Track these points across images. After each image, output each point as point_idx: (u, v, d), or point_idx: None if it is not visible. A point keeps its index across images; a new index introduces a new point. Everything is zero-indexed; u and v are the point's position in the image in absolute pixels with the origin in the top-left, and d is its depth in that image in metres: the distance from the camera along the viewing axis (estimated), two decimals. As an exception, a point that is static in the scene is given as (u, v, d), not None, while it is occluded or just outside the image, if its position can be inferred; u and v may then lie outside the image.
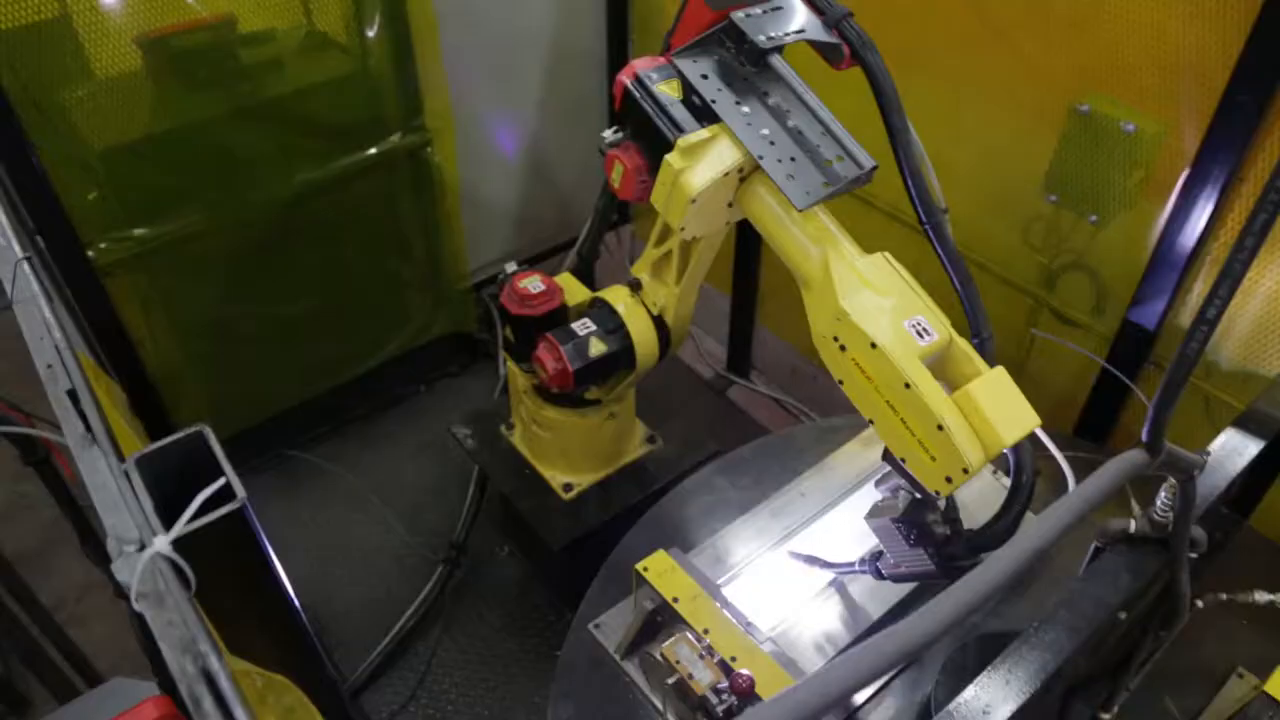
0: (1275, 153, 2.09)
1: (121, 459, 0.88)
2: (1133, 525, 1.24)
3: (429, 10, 2.98)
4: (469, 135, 3.38)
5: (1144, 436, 0.98)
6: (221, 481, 0.83)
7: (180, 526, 0.76)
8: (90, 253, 2.77)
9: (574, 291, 2.52)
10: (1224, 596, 1.83)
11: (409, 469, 3.62)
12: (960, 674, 1.78)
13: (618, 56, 3.75)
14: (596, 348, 2.34)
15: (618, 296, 2.39)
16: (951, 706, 1.07)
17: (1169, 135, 2.23)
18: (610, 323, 2.38)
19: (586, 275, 3.01)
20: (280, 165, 3.05)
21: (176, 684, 0.65)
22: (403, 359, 3.75)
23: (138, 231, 2.85)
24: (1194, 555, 1.26)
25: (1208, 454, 1.36)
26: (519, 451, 2.79)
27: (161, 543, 0.74)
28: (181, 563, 0.75)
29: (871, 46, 1.77)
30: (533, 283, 2.43)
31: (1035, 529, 0.84)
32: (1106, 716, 1.61)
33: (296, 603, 1.32)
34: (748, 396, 4.13)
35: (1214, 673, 1.88)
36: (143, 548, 0.76)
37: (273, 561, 1.13)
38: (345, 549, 3.34)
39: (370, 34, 2.96)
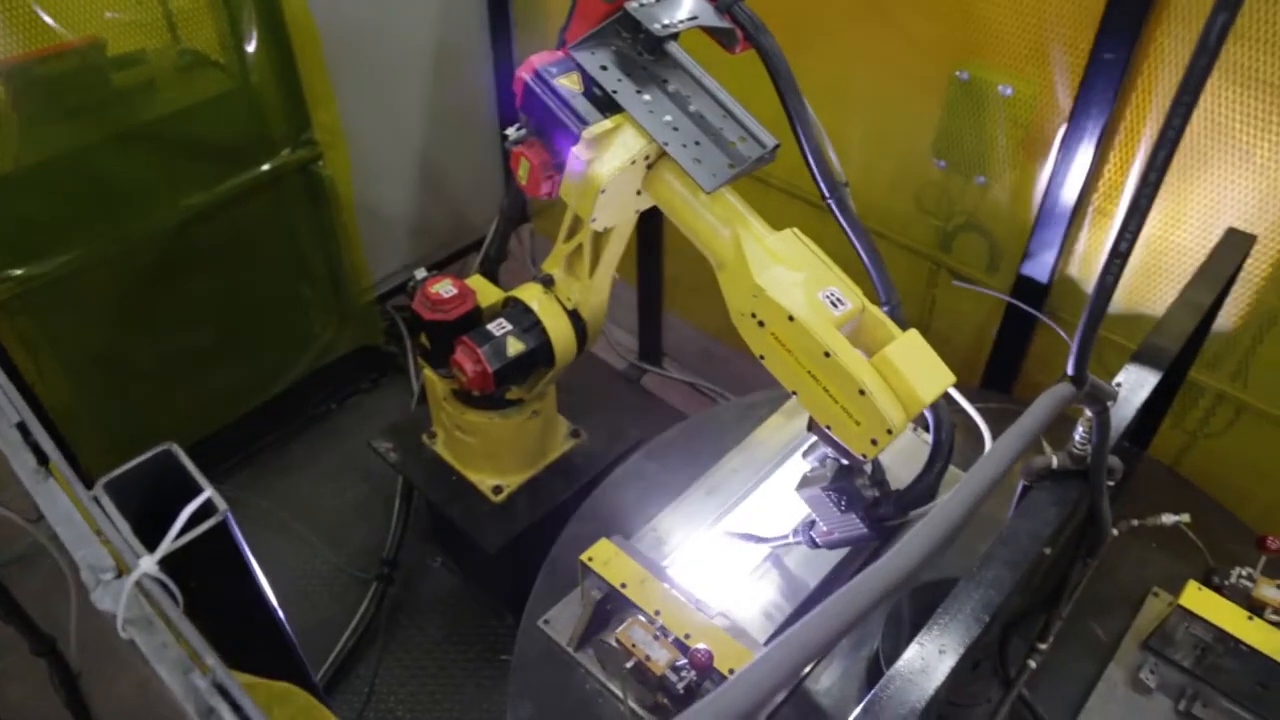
0: (1142, 106, 2.23)
1: (88, 486, 0.85)
2: (1055, 461, 1.32)
3: (309, 22, 2.92)
4: (360, 146, 3.32)
5: (1069, 370, 1.04)
6: (204, 497, 0.81)
7: (166, 545, 0.74)
8: (-33, 298, 2.63)
9: (486, 293, 2.51)
10: (1134, 523, 1.95)
11: (329, 491, 3.55)
12: (901, 626, 1.85)
13: (503, 56, 3.74)
14: (514, 347, 2.34)
15: (531, 294, 2.40)
16: (910, 652, 1.11)
17: (1044, 95, 2.35)
18: (526, 321, 2.38)
19: (495, 277, 3.00)
20: (165, 191, 2.95)
21: (180, 704, 0.64)
22: (311, 379, 3.66)
23: (16, 272, 2.71)
24: (1111, 483, 1.34)
25: (1119, 386, 1.45)
26: (444, 459, 2.77)
27: (148, 563, 0.72)
28: (169, 582, 0.73)
29: (764, 29, 1.81)
30: (444, 287, 2.41)
31: (989, 459, 0.89)
32: (1043, 646, 1.70)
33: (281, 614, 1.29)
34: (662, 383, 4.18)
35: (1132, 595, 2.00)
36: (121, 574, 0.73)
37: (256, 573, 1.11)
38: (273, 579, 3.21)
39: (249, 49, 2.88)
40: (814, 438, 1.81)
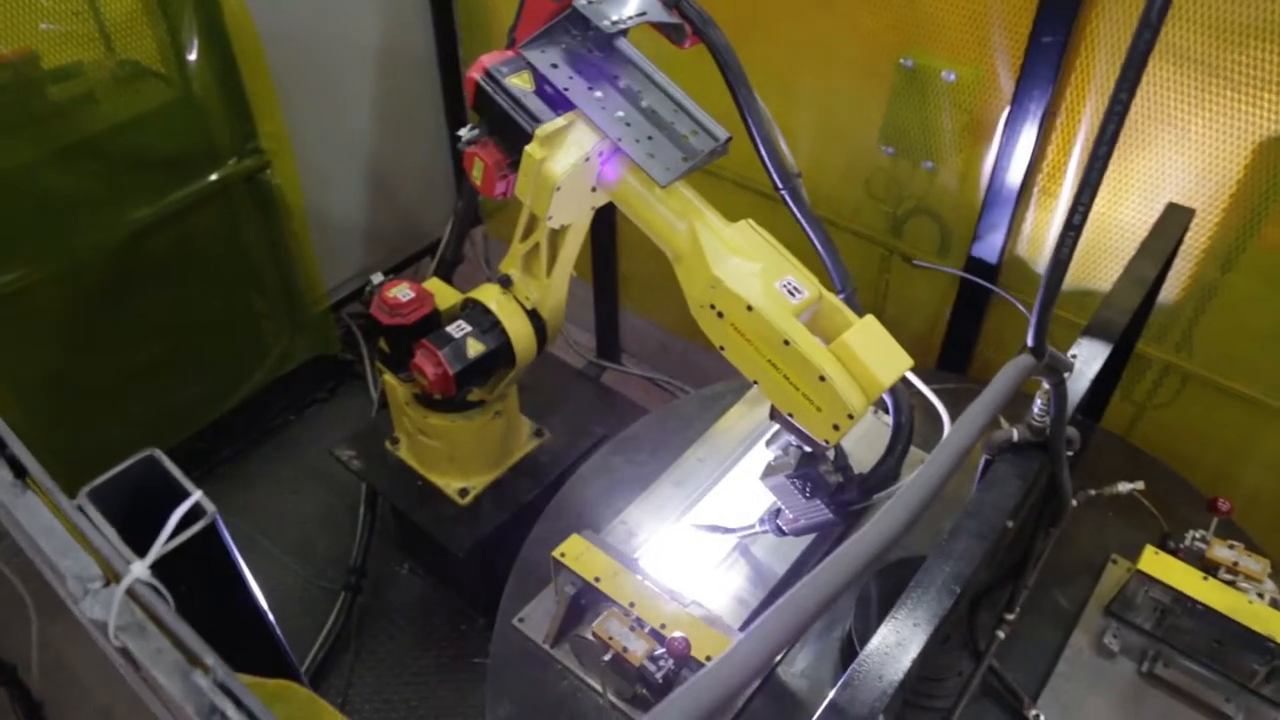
0: (1080, 87, 2.28)
1: (71, 497, 0.84)
2: (1015, 434, 1.35)
3: (251, 30, 2.88)
4: (308, 154, 3.28)
5: (1029, 341, 1.07)
6: (193, 500, 0.80)
7: (158, 548, 0.74)
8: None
9: (444, 295, 2.50)
10: (1091, 492, 2.00)
11: (291, 502, 3.51)
12: (871, 605, 1.88)
13: (448, 58, 3.73)
14: (474, 348, 2.34)
15: (489, 295, 2.39)
16: (884, 629, 1.14)
17: (986, 80, 2.40)
18: (485, 322, 2.37)
19: (450, 280, 2.98)
20: (109, 206, 2.89)
21: (180, 707, 0.64)
22: (268, 391, 3.61)
23: (-44, 294, 2.65)
24: (1070, 453, 1.38)
25: (1075, 356, 1.49)
26: (408, 464, 2.75)
27: (140, 568, 0.72)
28: (160, 587, 0.73)
29: (712, 23, 1.83)
30: (401, 291, 2.40)
31: (960, 427, 0.91)
32: (1010, 617, 1.74)
33: (270, 616, 1.28)
34: (622, 380, 4.19)
35: (1092, 563, 2.06)
36: (108, 582, 0.73)
37: (245, 575, 1.10)
38: (237, 594, 3.20)
39: (190, 59, 2.84)
40: (776, 426, 1.83)
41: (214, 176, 3.05)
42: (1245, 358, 2.43)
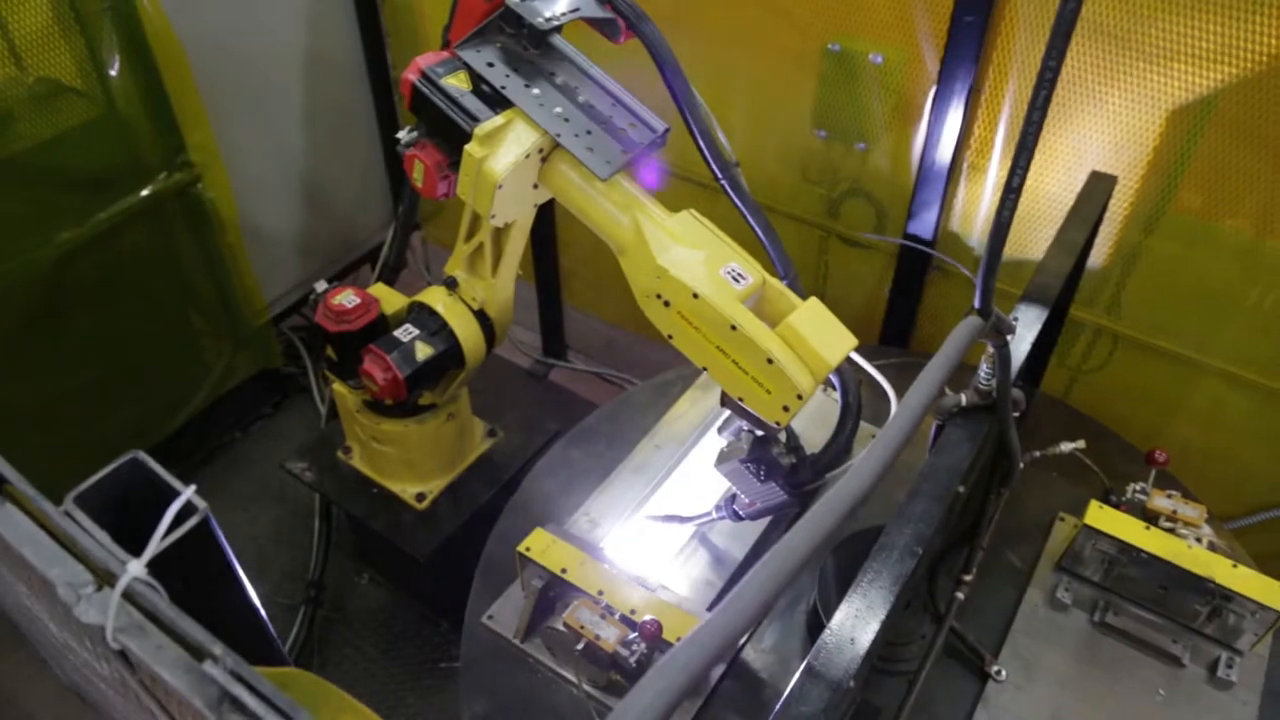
0: (1003, 64, 2.36)
1: (57, 503, 0.83)
2: (964, 399, 1.40)
3: (173, 41, 2.82)
4: (239, 165, 3.23)
5: (976, 304, 1.12)
6: (185, 497, 0.80)
7: (154, 546, 0.73)
8: None
9: (390, 300, 2.49)
10: (1036, 454, 2.08)
11: (243, 520, 3.45)
12: (834, 578, 1.92)
13: (377, 64, 3.69)
14: (423, 351, 2.33)
15: (435, 297, 2.39)
16: (851, 595, 1.17)
17: (912, 61, 2.46)
18: (433, 324, 2.37)
19: (393, 286, 2.97)
20: (34, 228, 2.81)
21: (189, 701, 0.64)
22: (212, 409, 3.55)
23: (-120, 325, 2.57)
24: (1016, 414, 1.43)
25: (1016, 319, 1.55)
26: (362, 472, 2.73)
27: (136, 567, 0.71)
28: (156, 585, 0.72)
29: (645, 17, 1.85)
30: (346, 298, 2.38)
31: (918, 387, 0.95)
32: (968, 579, 1.80)
33: (264, 613, 1.28)
34: (570, 376, 4.20)
35: (1040, 522, 2.13)
36: (101, 586, 0.72)
37: (238, 571, 1.10)
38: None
39: (112, 74, 2.78)
40: (727, 413, 1.86)
41: (144, 193, 2.99)
42: (1170, 317, 2.54)
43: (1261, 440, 2.60)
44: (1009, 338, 1.27)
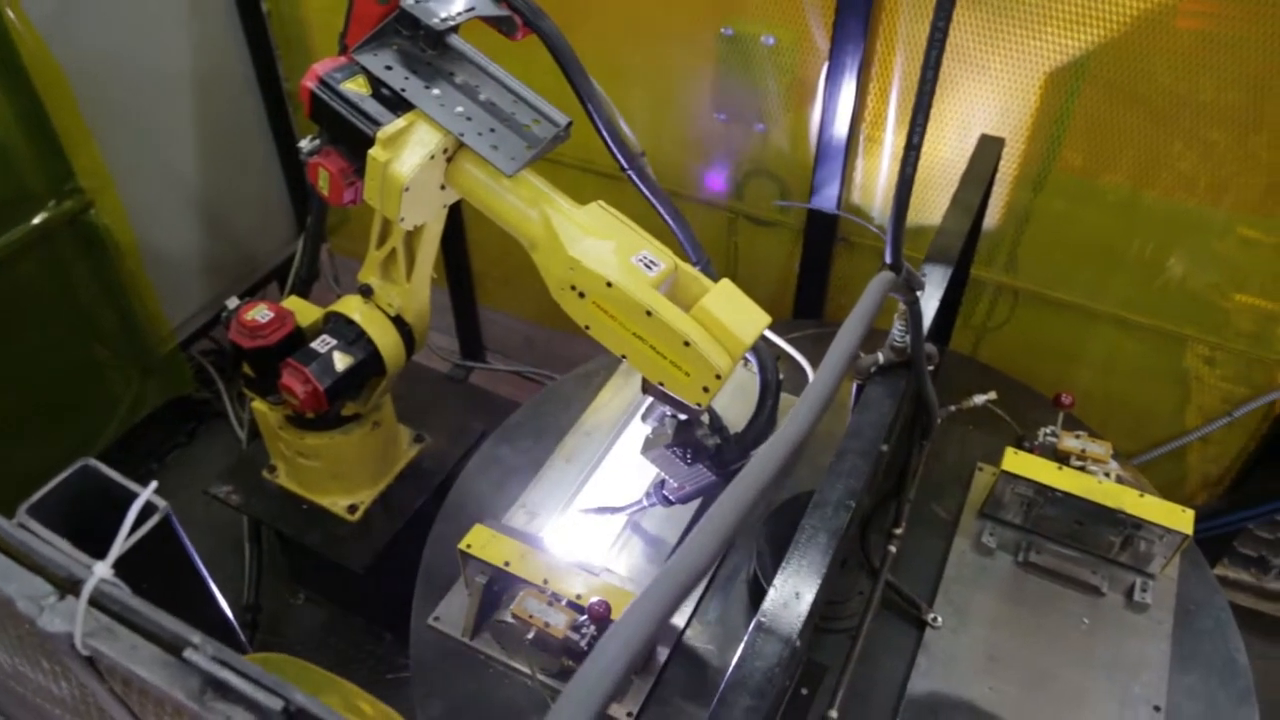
0: (890, 37, 2.44)
1: (10, 517, 0.81)
2: (880, 358, 1.46)
3: (52, 65, 2.72)
4: (133, 188, 3.13)
5: (887, 259, 1.17)
6: (145, 495, 0.79)
7: (119, 546, 0.72)
8: None
9: (304, 312, 2.46)
10: (952, 408, 2.16)
11: (167, 552, 3.36)
12: (770, 543, 1.98)
13: (268, 77, 3.62)
14: (342, 361, 2.31)
15: (351, 306, 2.37)
16: (792, 551, 1.22)
17: (803, 41, 2.53)
18: (350, 333, 2.35)
19: (307, 298, 2.92)
20: (-85, 269, 2.70)
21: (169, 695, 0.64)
22: (124, 442, 3.44)
23: None
24: (931, 368, 1.50)
25: (925, 273, 1.62)
26: (290, 490, 2.69)
27: (102, 569, 0.70)
28: (123, 585, 0.72)
29: (542, 13, 1.87)
30: (259, 313, 2.34)
31: (840, 340, 0.99)
32: (898, 531, 1.87)
33: (230, 612, 1.26)
34: (491, 378, 4.20)
35: (961, 474, 2.22)
36: (64, 595, 0.71)
37: (201, 569, 1.08)
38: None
39: (-12, 102, 2.67)
40: (650, 400, 1.89)
41: (34, 222, 2.88)
42: (1064, 270, 2.67)
43: (1154, 379, 2.75)
44: (919, 294, 1.33)
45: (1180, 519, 1.90)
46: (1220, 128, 2.25)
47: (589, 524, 2.17)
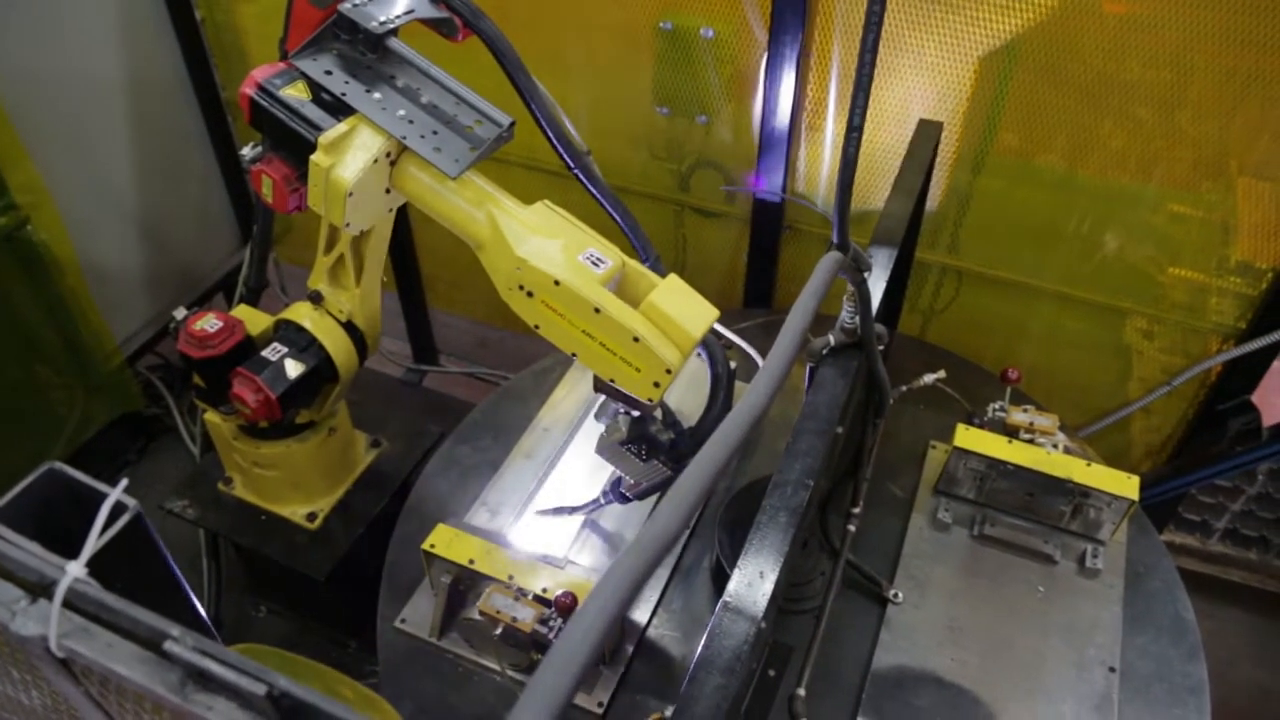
0: (827, 26, 2.48)
1: None
2: (831, 340, 1.49)
3: (-19, 79, 2.67)
4: (72, 203, 3.07)
5: (834, 239, 1.20)
6: (115, 494, 0.78)
7: (92, 545, 0.72)
8: None
9: (254, 321, 2.43)
10: (903, 388, 2.21)
11: (122, 571, 3.31)
12: (730, 529, 2.00)
13: (205, 86, 3.57)
14: (294, 368, 2.29)
15: (301, 313, 2.35)
16: (755, 529, 1.24)
17: (742, 33, 2.56)
18: (301, 340, 2.33)
19: (255, 306, 2.89)
20: None
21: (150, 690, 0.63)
22: (73, 463, 3.33)
23: None
24: (881, 347, 1.53)
25: (872, 255, 1.65)
26: (247, 501, 2.66)
27: (75, 568, 0.70)
28: (96, 585, 0.71)
29: (482, 14, 1.86)
30: (208, 322, 2.31)
31: (793, 317, 1.00)
32: (856, 510, 1.91)
33: (203, 611, 1.25)
34: (445, 380, 4.18)
35: (914, 452, 2.27)
36: (35, 598, 0.71)
37: (174, 568, 1.07)
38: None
39: (-86, 120, 2.61)
40: (603, 399, 1.90)
41: (-32, 242, 2.82)
42: (1005, 249, 2.73)
43: (1096, 352, 2.83)
44: (866, 275, 1.36)
45: (1126, 485, 1.96)
46: (1147, 106, 2.32)
47: (549, 522, 2.17)
